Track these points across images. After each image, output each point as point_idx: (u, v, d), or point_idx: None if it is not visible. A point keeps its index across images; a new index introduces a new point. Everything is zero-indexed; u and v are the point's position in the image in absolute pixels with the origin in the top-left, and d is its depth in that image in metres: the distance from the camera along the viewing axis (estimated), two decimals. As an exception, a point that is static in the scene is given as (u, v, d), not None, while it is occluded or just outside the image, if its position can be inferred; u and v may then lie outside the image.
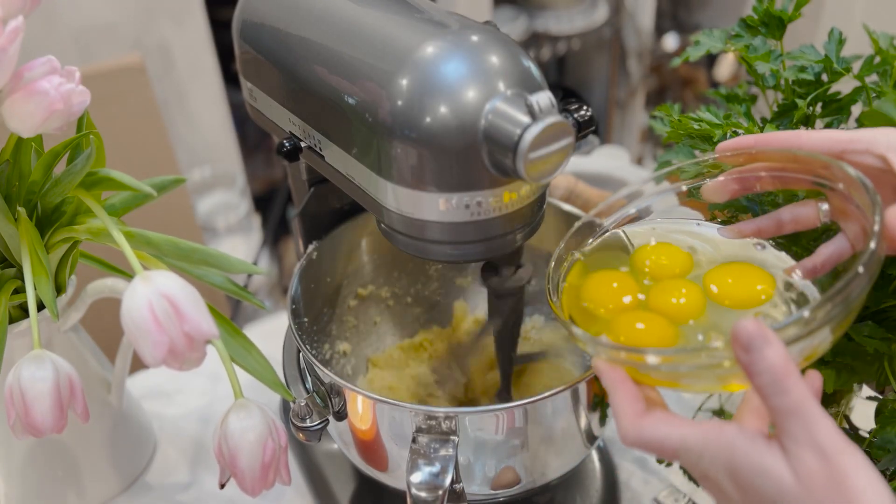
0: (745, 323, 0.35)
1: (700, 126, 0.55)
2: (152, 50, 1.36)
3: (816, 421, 0.34)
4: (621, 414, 0.40)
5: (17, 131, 0.47)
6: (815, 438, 0.34)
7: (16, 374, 0.49)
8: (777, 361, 0.35)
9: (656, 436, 0.38)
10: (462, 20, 0.47)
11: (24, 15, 0.45)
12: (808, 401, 0.34)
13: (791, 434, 0.35)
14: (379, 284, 0.74)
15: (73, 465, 0.66)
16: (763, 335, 0.35)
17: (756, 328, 0.35)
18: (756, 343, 0.35)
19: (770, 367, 0.35)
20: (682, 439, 0.38)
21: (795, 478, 0.34)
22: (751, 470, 0.35)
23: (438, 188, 0.45)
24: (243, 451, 0.50)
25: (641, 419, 0.39)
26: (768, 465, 0.35)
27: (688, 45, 0.69)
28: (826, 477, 0.33)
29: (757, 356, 0.35)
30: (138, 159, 1.09)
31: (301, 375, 0.57)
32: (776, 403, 0.35)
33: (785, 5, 0.57)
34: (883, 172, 0.43)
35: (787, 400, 0.34)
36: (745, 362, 0.35)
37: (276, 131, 0.60)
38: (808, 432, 0.34)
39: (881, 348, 0.50)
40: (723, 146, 0.48)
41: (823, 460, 0.34)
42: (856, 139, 0.43)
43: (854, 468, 0.33)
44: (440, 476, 0.49)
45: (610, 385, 0.41)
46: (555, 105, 0.42)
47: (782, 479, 0.34)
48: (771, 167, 0.47)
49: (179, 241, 0.55)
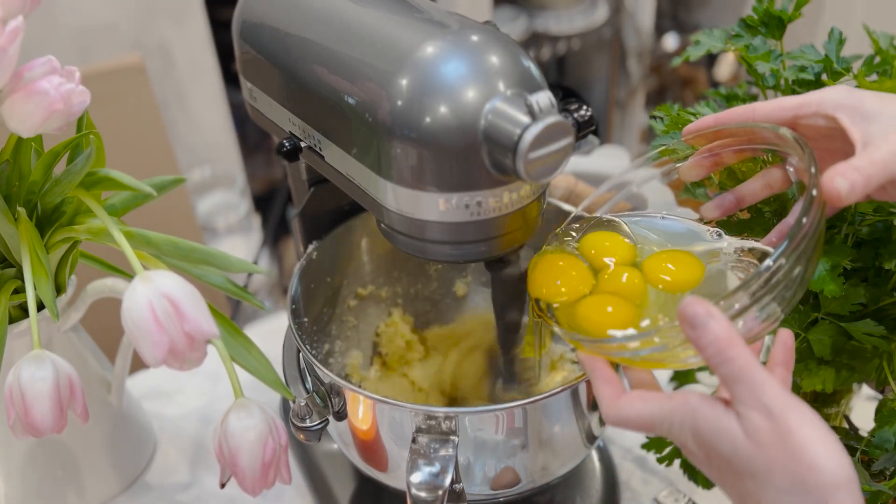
0: (689, 300, 0.38)
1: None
2: (152, 50, 1.36)
3: (761, 384, 0.37)
4: (600, 397, 0.43)
5: (17, 131, 0.47)
6: (761, 400, 0.36)
7: (16, 374, 0.49)
8: (720, 333, 0.37)
9: (631, 413, 0.41)
10: (462, 20, 0.47)
11: (24, 15, 0.45)
12: (752, 366, 0.37)
13: (739, 398, 0.37)
14: (379, 284, 0.74)
15: (73, 465, 0.66)
16: (707, 310, 0.37)
17: (699, 304, 0.37)
18: (700, 319, 0.37)
19: (714, 340, 0.37)
20: (653, 412, 0.41)
21: (746, 436, 0.37)
22: (710, 431, 0.38)
23: (438, 188, 0.45)
24: (244, 450, 0.50)
25: (618, 400, 0.42)
26: (724, 426, 0.38)
27: (688, 45, 0.69)
28: (773, 433, 0.36)
29: (702, 331, 0.37)
30: (138, 159, 1.09)
31: (301, 375, 0.57)
32: (723, 372, 0.37)
33: (785, 5, 0.57)
34: (836, 131, 0.45)
35: (732, 367, 0.37)
36: (692, 338, 0.38)
37: (276, 131, 0.60)
38: (754, 395, 0.37)
39: (880, 346, 0.50)
40: (687, 129, 0.51)
41: (770, 419, 0.36)
42: (805, 103, 0.46)
43: (798, 423, 0.36)
44: (440, 476, 0.49)
45: (589, 372, 0.44)
46: (555, 105, 0.42)
47: (735, 437, 0.37)
48: (734, 142, 0.50)
49: (179, 241, 0.55)
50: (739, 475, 0.38)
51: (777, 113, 0.47)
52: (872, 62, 0.55)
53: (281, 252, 1.78)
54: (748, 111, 0.48)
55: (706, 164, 0.51)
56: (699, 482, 0.60)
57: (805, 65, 0.56)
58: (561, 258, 0.51)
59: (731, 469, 0.38)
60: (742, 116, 0.48)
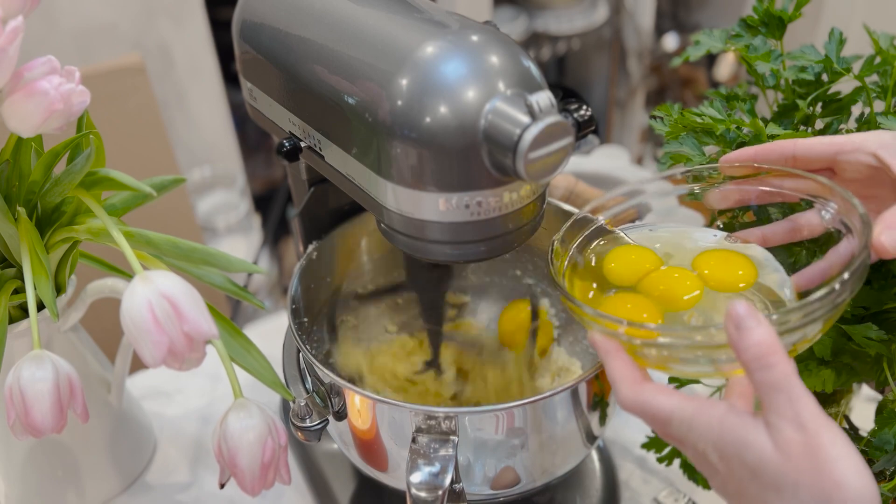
0: (739, 303, 0.37)
1: (703, 120, 0.55)
2: (152, 50, 1.36)
3: (799, 397, 0.36)
4: (619, 378, 0.42)
5: (17, 131, 0.47)
6: (797, 412, 0.36)
7: (16, 374, 0.49)
8: (766, 338, 0.37)
9: (652, 402, 0.40)
10: (462, 20, 0.47)
11: (24, 15, 0.45)
12: (793, 378, 0.36)
13: (774, 407, 0.36)
14: (379, 284, 0.74)
15: (73, 465, 0.66)
16: (755, 316, 0.37)
17: (749, 309, 0.37)
18: (747, 322, 0.37)
19: (758, 343, 0.37)
20: (674, 408, 0.40)
21: (775, 447, 0.36)
22: (735, 442, 0.37)
23: (438, 188, 0.45)
24: (243, 450, 0.50)
25: (640, 385, 0.41)
26: (752, 438, 0.37)
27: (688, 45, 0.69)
28: (803, 446, 0.35)
29: (747, 333, 0.37)
30: (138, 159, 1.09)
31: (301, 375, 0.57)
32: (761, 378, 0.37)
33: (785, 5, 0.57)
34: (877, 170, 0.45)
35: (773, 374, 0.36)
36: (733, 338, 0.37)
37: (276, 131, 0.60)
38: (791, 406, 0.36)
39: (881, 350, 0.50)
40: (726, 158, 0.50)
41: (802, 432, 0.36)
42: (848, 141, 0.46)
43: (830, 441, 0.35)
44: (440, 476, 0.49)
45: (605, 354, 0.43)
46: (555, 105, 0.42)
47: (763, 449, 0.37)
48: (769, 182, 0.50)
49: (179, 241, 0.55)
50: (763, 488, 0.37)
51: (819, 148, 0.47)
52: (872, 62, 0.55)
53: (281, 252, 1.78)
54: (790, 146, 0.48)
55: (733, 197, 0.51)
56: (699, 482, 0.60)
57: (805, 65, 0.56)
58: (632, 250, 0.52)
59: (754, 482, 0.37)
60: (783, 150, 0.48)
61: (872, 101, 0.55)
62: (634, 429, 0.73)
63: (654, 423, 0.41)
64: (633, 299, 0.47)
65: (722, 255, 0.50)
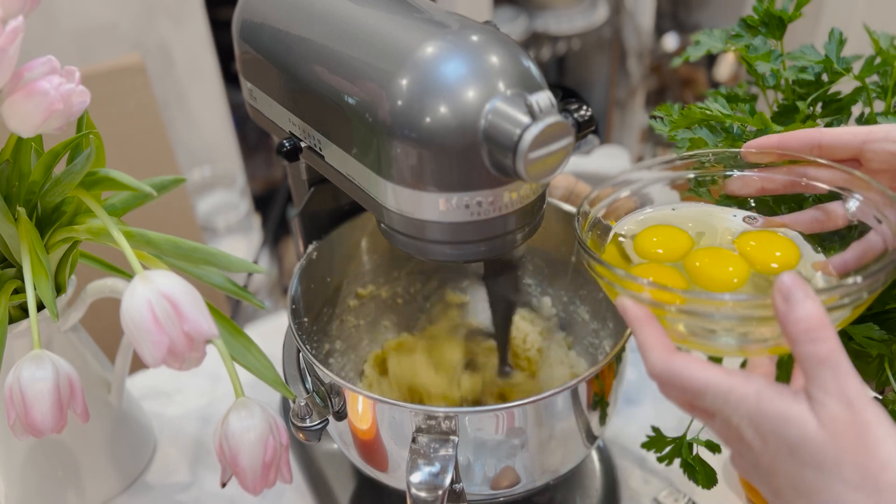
0: (788, 274, 0.36)
1: (710, 113, 0.55)
2: (152, 50, 1.36)
3: (846, 373, 0.35)
4: (649, 346, 0.40)
5: (17, 131, 0.47)
6: (844, 389, 0.35)
7: (16, 374, 0.49)
8: (815, 312, 0.36)
9: (685, 372, 0.38)
10: (462, 20, 0.47)
11: (24, 15, 0.45)
12: (840, 353, 0.35)
13: (820, 382, 0.35)
14: (379, 284, 0.74)
15: (73, 465, 0.66)
16: (804, 288, 0.36)
17: (798, 281, 0.36)
18: (797, 294, 0.36)
19: (807, 317, 0.36)
20: (711, 380, 0.38)
21: (819, 424, 0.35)
22: (776, 416, 0.36)
23: (438, 188, 0.45)
24: (244, 449, 0.50)
25: (671, 354, 0.39)
26: (794, 412, 0.36)
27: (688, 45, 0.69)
28: (849, 424, 0.34)
29: (796, 305, 0.36)
30: (138, 159, 1.09)
31: (301, 375, 0.57)
32: (808, 351, 0.36)
33: (785, 5, 0.57)
34: None
35: (820, 348, 0.35)
36: (781, 311, 0.36)
37: (276, 131, 0.60)
38: (837, 382, 0.35)
39: (882, 350, 0.50)
40: (750, 144, 0.49)
41: (849, 409, 0.34)
42: (874, 130, 0.45)
43: (877, 420, 0.34)
44: (440, 476, 0.49)
45: (636, 320, 0.41)
46: (555, 105, 0.42)
47: (806, 424, 0.35)
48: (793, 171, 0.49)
49: (179, 241, 0.55)
50: (801, 465, 0.35)
51: (847, 136, 0.46)
52: (872, 62, 0.55)
53: (281, 252, 1.78)
54: (816, 134, 0.47)
55: (754, 184, 0.50)
56: (699, 482, 0.60)
57: (805, 65, 0.56)
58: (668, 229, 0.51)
59: (792, 458, 0.36)
60: (809, 139, 0.47)
61: (872, 101, 0.55)
62: (634, 429, 0.73)
63: (685, 393, 0.39)
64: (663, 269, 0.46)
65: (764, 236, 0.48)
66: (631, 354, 0.80)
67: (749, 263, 0.46)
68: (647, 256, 0.49)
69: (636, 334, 0.41)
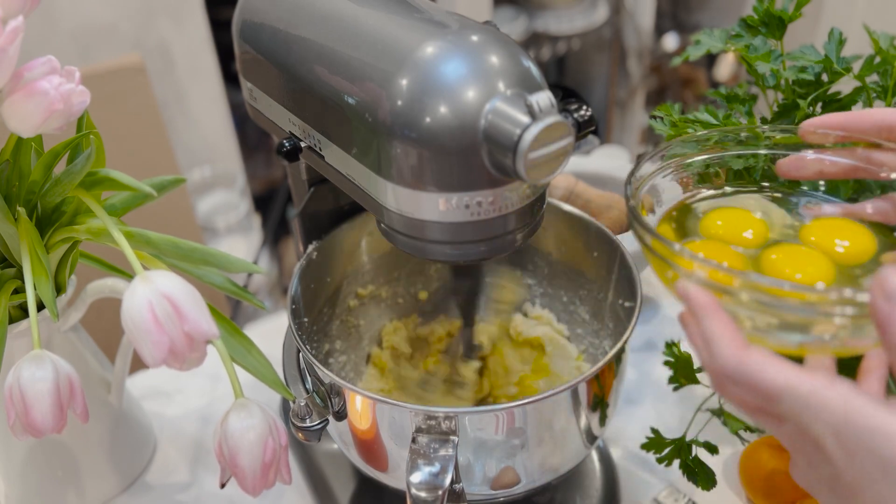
0: (893, 270, 0.32)
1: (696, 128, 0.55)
2: (152, 50, 1.36)
3: None
4: (719, 338, 0.35)
5: (17, 131, 0.47)
6: None
7: (16, 374, 0.49)
8: None
9: (760, 371, 0.34)
10: (462, 20, 0.47)
11: (24, 15, 0.45)
12: None
13: None
14: (379, 284, 0.74)
15: (73, 465, 0.66)
16: None
17: None
18: None
19: None
20: (789, 383, 0.33)
21: None
22: (865, 428, 0.32)
23: (438, 188, 0.45)
24: (244, 450, 0.50)
25: (747, 349, 0.35)
26: (888, 424, 0.31)
27: (688, 45, 0.69)
28: None
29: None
30: (138, 159, 1.09)
31: (301, 375, 0.57)
32: None
33: (785, 5, 0.57)
34: None
35: None
36: (884, 311, 0.32)
37: (276, 131, 0.60)
38: None
39: (881, 348, 0.50)
40: (809, 123, 0.45)
41: None
42: None
43: None
44: (440, 476, 0.49)
45: (701, 308, 0.36)
46: (555, 105, 0.42)
47: None
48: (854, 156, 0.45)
49: (179, 241, 0.55)
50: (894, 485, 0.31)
51: None
52: (872, 62, 0.55)
53: (281, 252, 1.78)
54: (889, 115, 0.42)
55: (811, 167, 0.46)
56: (699, 482, 0.60)
57: (805, 65, 0.56)
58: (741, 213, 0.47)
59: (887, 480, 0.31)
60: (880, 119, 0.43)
61: (872, 101, 0.55)
62: (634, 429, 0.73)
63: (756, 396, 0.35)
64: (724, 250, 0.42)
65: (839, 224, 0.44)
66: (631, 355, 0.80)
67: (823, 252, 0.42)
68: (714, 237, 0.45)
69: (701, 324, 0.36)
